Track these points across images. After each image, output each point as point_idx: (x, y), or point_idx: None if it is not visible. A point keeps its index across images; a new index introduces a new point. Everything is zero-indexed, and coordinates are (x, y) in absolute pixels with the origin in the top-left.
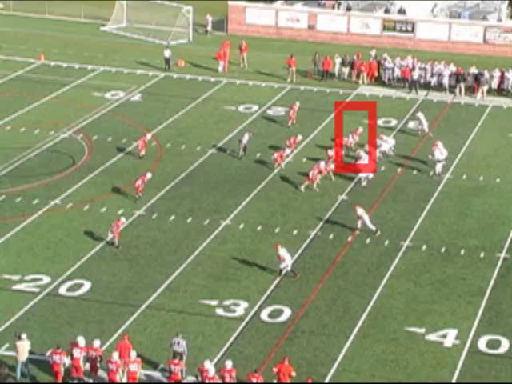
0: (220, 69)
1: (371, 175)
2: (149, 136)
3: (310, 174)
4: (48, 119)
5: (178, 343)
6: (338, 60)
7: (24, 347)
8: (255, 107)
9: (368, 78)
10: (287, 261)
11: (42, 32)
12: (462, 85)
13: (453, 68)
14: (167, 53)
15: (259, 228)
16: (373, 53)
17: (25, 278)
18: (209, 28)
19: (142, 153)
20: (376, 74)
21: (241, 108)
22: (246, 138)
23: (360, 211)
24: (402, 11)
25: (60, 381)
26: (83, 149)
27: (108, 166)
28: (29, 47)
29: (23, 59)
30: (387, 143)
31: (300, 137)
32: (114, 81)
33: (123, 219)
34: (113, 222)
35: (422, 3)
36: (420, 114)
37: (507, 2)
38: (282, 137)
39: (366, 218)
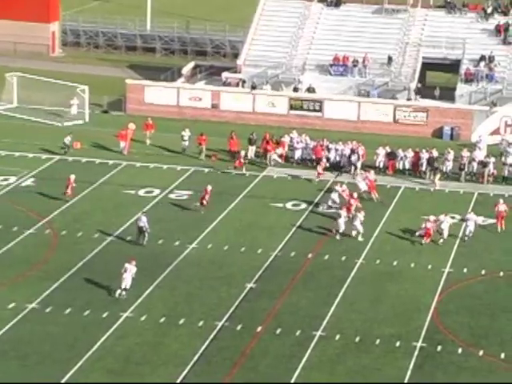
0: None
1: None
2: (72, 177)
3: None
4: None
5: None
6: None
7: None
8: (157, 191)
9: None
10: None
11: None
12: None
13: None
14: (67, 139)
15: (162, 320)
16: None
17: None
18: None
19: (69, 193)
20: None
21: (141, 192)
22: (143, 221)
23: None
24: (311, 89)
25: None
26: None
27: None
28: None
29: None
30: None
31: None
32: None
33: None
34: None
35: (329, 79)
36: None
37: (416, 81)
38: (186, 222)
39: None
